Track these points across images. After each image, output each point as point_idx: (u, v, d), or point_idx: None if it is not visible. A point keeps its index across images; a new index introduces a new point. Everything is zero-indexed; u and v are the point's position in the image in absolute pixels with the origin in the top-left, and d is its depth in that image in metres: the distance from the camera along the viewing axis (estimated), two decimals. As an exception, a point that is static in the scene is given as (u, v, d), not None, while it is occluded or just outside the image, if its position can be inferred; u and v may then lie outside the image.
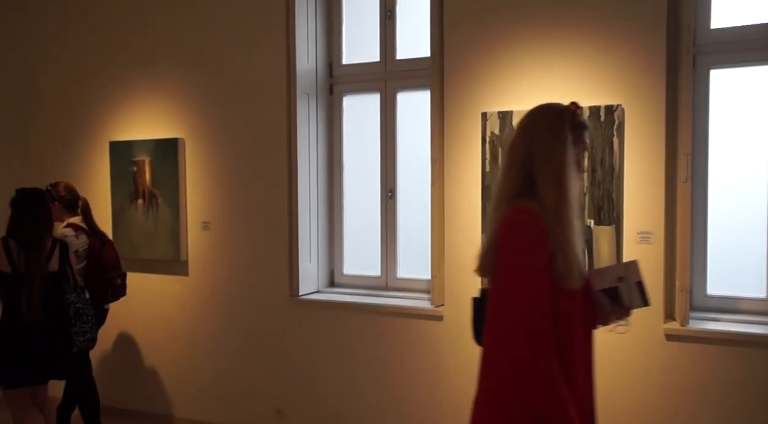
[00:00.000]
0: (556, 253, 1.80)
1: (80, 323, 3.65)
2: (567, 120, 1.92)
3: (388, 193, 4.10)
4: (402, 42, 4.03)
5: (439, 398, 3.74)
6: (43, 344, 3.50)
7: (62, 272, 3.65)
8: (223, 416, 4.41)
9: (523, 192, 1.88)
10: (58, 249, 3.65)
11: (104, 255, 4.03)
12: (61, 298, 3.59)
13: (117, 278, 4.10)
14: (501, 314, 1.85)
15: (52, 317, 3.53)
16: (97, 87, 4.77)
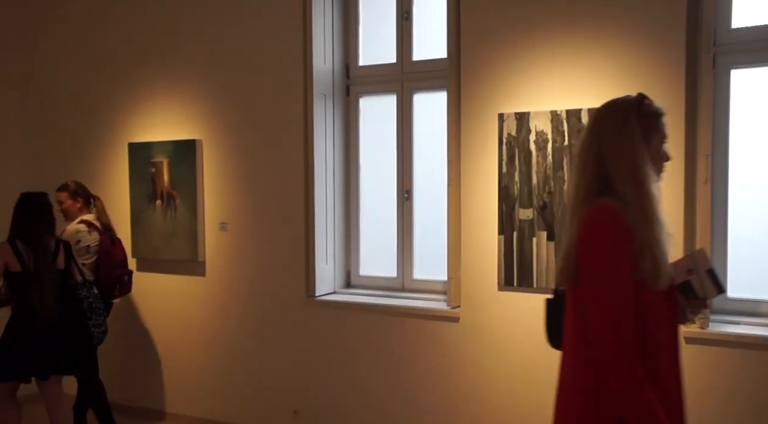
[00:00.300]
0: (642, 252, 1.73)
1: (95, 317, 3.91)
2: (633, 112, 1.84)
3: (405, 194, 4.09)
4: (419, 43, 4.03)
5: (455, 399, 3.73)
6: (58, 339, 3.66)
7: (68, 269, 3.82)
8: (240, 415, 4.43)
9: (601, 192, 1.81)
10: (62, 248, 3.82)
11: (114, 253, 4.24)
12: (73, 294, 3.78)
13: (124, 275, 4.29)
14: (584, 318, 1.78)
15: (65, 313, 3.70)
16: (115, 89, 4.81)
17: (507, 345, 3.57)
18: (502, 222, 3.53)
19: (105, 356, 4.94)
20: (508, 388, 3.59)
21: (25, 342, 3.61)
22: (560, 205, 3.38)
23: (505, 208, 3.52)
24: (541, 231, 3.44)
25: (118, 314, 4.88)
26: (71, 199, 4.31)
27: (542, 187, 3.43)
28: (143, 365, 4.82)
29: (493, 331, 3.61)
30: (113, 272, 4.21)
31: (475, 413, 3.68)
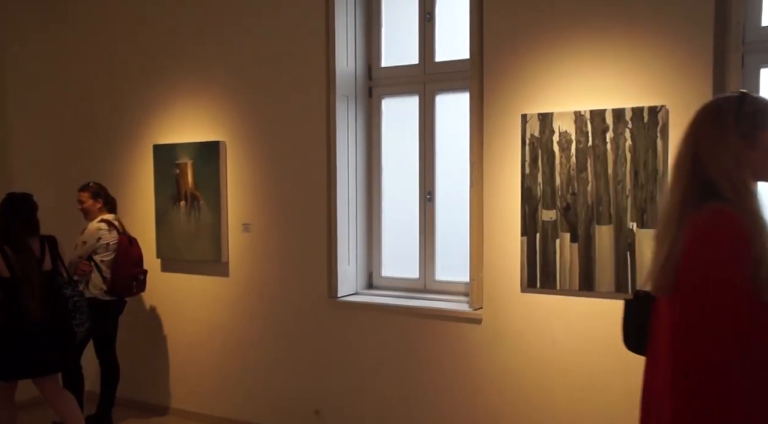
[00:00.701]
0: (760, 261, 1.59)
1: (78, 315, 3.95)
2: (731, 111, 1.74)
3: (427, 195, 4.09)
4: (441, 44, 4.03)
5: (476, 401, 3.71)
6: (47, 338, 3.76)
7: (55, 269, 3.91)
8: (262, 415, 4.45)
9: (703, 197, 1.70)
10: (47, 248, 3.90)
11: (131, 252, 4.45)
12: (59, 293, 3.86)
13: (140, 273, 4.48)
14: (686, 329, 1.65)
15: (53, 312, 3.80)
16: (141, 92, 4.88)
17: (530, 348, 3.55)
18: (524, 223, 3.51)
19: (130, 355, 5.01)
20: (531, 392, 3.56)
21: (26, 340, 3.71)
22: (584, 207, 3.35)
23: (528, 210, 3.50)
24: (565, 232, 3.41)
25: (142, 313, 4.94)
26: (92, 199, 4.49)
27: (566, 188, 3.40)
28: (167, 364, 4.87)
29: (516, 333, 3.58)
30: (130, 270, 4.40)
31: (496, 414, 3.66)
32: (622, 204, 3.27)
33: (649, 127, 3.19)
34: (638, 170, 3.22)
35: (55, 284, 3.87)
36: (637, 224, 3.23)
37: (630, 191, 3.24)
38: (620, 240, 3.28)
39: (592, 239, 3.34)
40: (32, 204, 3.94)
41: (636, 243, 3.24)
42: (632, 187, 3.24)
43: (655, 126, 3.18)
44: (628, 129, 3.24)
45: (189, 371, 4.78)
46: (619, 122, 3.25)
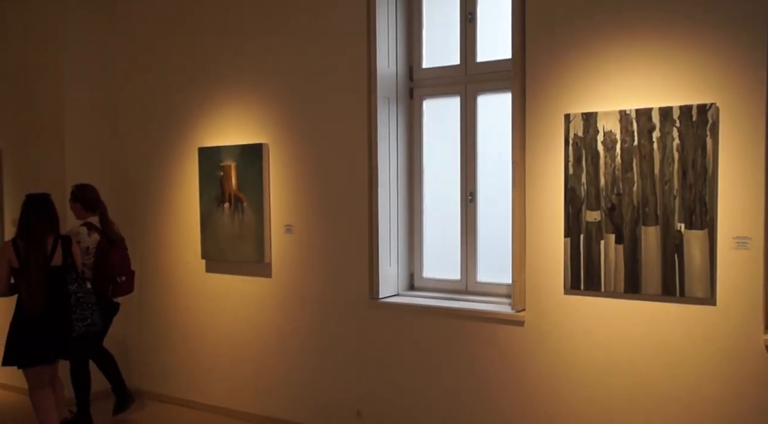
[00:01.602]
0: None
1: (80, 310, 4.06)
2: None
3: (469, 196, 4.07)
4: (482, 44, 4.00)
5: (519, 404, 3.67)
6: (45, 329, 3.94)
7: (66, 265, 4.07)
8: (304, 416, 4.49)
9: None
10: (60, 245, 4.07)
11: (109, 255, 4.47)
12: (64, 288, 4.01)
13: (121, 275, 4.52)
14: None
15: (53, 305, 3.95)
16: (187, 96, 4.98)
17: (574, 351, 3.49)
18: (568, 224, 3.46)
19: (174, 354, 5.12)
20: (574, 395, 3.51)
21: (26, 330, 3.95)
22: (629, 207, 3.29)
23: (572, 210, 3.45)
24: (610, 234, 3.35)
25: (186, 313, 5.04)
26: (72, 202, 4.62)
27: (610, 188, 3.34)
28: (211, 363, 4.96)
29: (560, 336, 3.53)
30: (106, 273, 4.44)
31: (539, 417, 3.61)
32: (670, 205, 3.19)
33: (698, 126, 3.11)
34: (686, 170, 3.14)
35: (63, 279, 4.03)
36: (686, 225, 3.16)
37: (678, 192, 3.17)
38: (668, 242, 3.20)
39: (638, 241, 3.27)
40: (50, 203, 4.15)
41: (684, 245, 3.16)
42: (680, 188, 3.16)
43: (704, 124, 3.10)
44: (675, 128, 3.16)
45: (232, 370, 4.85)
46: (666, 121, 3.18)
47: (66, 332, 4.01)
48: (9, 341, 4.00)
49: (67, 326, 4.00)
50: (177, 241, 5.09)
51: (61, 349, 4.06)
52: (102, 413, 4.81)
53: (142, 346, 5.35)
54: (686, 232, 3.15)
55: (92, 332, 4.20)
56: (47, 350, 4.01)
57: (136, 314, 5.37)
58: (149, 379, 5.31)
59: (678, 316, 3.21)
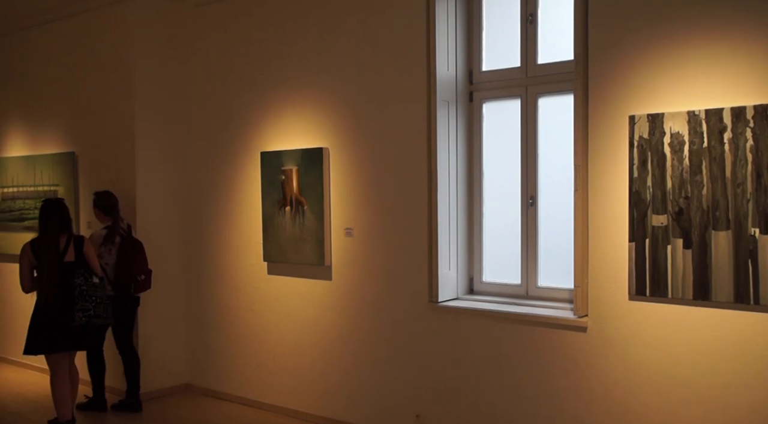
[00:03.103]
0: None
1: (82, 302, 4.40)
2: None
3: (529, 200, 4.02)
4: (543, 45, 3.95)
5: (580, 411, 3.60)
6: (53, 319, 4.36)
7: (78, 261, 4.48)
8: (363, 417, 4.52)
9: None
10: (73, 243, 4.50)
11: (128, 255, 4.88)
12: (71, 282, 4.40)
13: (141, 274, 4.93)
14: None
15: (62, 298, 4.36)
16: (249, 101, 5.11)
17: (639, 358, 3.40)
18: (633, 229, 3.38)
19: (236, 353, 5.24)
20: (639, 405, 3.41)
21: (42, 320, 4.39)
22: (698, 211, 3.18)
23: (637, 214, 3.36)
24: (677, 238, 3.25)
25: (248, 314, 5.15)
26: (93, 207, 5.04)
27: (678, 192, 3.24)
28: (273, 363, 5.05)
29: (624, 343, 3.45)
30: (128, 273, 4.86)
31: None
32: (743, 209, 3.07)
33: (773, 127, 2.98)
34: (761, 172, 3.02)
35: (72, 274, 4.41)
36: (760, 230, 3.03)
37: (752, 195, 3.04)
38: (740, 247, 3.08)
39: (708, 246, 3.16)
40: (63, 207, 4.58)
41: (759, 250, 3.03)
42: (754, 191, 3.04)
43: (779, 125, 2.97)
44: (749, 128, 3.04)
45: (293, 371, 4.93)
46: (738, 121, 3.06)
47: (68, 322, 4.37)
48: (29, 333, 4.43)
49: (68, 316, 4.36)
50: (240, 243, 5.21)
51: (66, 338, 4.41)
52: (161, 410, 4.97)
53: (205, 345, 5.50)
54: (761, 237, 3.03)
55: (95, 323, 4.49)
56: (54, 338, 4.39)
57: (201, 315, 5.53)
58: (212, 378, 5.45)
59: (752, 324, 3.08)
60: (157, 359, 5.42)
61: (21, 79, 6.34)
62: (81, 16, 5.67)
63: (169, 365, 5.51)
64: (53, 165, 5.93)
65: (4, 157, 6.48)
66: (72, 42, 5.80)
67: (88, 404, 5.09)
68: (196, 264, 5.54)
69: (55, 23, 5.90)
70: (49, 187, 5.92)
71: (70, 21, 5.78)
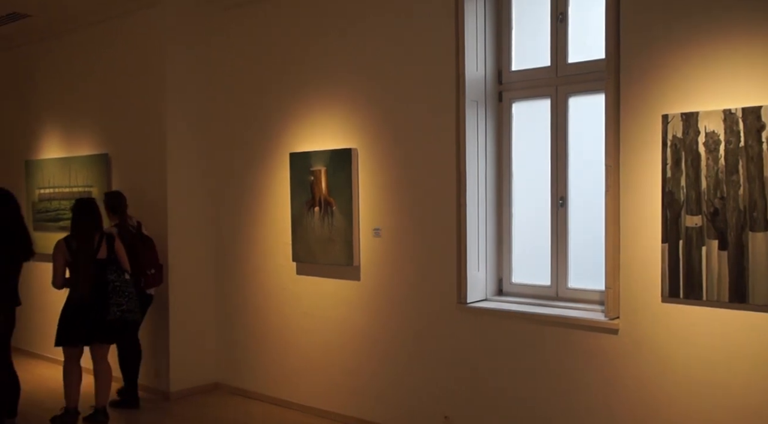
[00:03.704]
0: None
1: (116, 297, 4.59)
2: None
3: (559, 200, 3.98)
4: (574, 44, 3.91)
5: (611, 415, 3.55)
6: (90, 314, 4.54)
7: (110, 258, 4.67)
8: (392, 418, 4.52)
9: None
10: (105, 241, 4.69)
11: (138, 250, 5.03)
12: (105, 278, 4.59)
13: (150, 268, 5.08)
14: None
15: (97, 293, 4.55)
16: (278, 102, 5.14)
17: (672, 362, 3.34)
18: (666, 229, 3.32)
19: (266, 353, 5.28)
20: (671, 409, 3.35)
21: (74, 314, 4.57)
22: (734, 212, 3.11)
23: (670, 215, 3.31)
24: (712, 240, 3.18)
25: (277, 314, 5.19)
26: (105, 206, 5.14)
27: (713, 192, 3.18)
28: (301, 363, 5.08)
29: (657, 346, 3.39)
30: (138, 267, 5.00)
31: (637, 431, 3.48)
32: (779, 209, 3.00)
33: (812, 125, 2.91)
34: (799, 172, 2.95)
35: (105, 271, 4.60)
36: (798, 231, 2.96)
37: (789, 195, 2.97)
38: (777, 248, 3.01)
39: (745, 247, 3.09)
40: (94, 206, 4.76)
41: (796, 252, 2.96)
42: (791, 191, 2.97)
43: (818, 123, 2.89)
44: (786, 127, 2.97)
45: (322, 371, 4.95)
46: (775, 120, 3.00)
47: (103, 316, 4.55)
48: (60, 325, 4.61)
49: (103, 311, 4.55)
50: (269, 244, 5.25)
51: (100, 331, 4.60)
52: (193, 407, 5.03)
53: (235, 345, 5.56)
54: (799, 238, 2.95)
55: (128, 318, 4.67)
56: (88, 332, 4.57)
57: (230, 314, 5.58)
58: (241, 377, 5.50)
59: (789, 328, 3.01)
60: (187, 358, 5.49)
61: (57, 82, 6.48)
62: (114, 21, 5.78)
63: (198, 364, 5.58)
64: (88, 166, 6.05)
65: (41, 159, 6.62)
66: (105, 46, 5.91)
67: (122, 402, 5.19)
68: (225, 264, 5.60)
69: (90, 28, 6.02)
70: (84, 188, 6.04)
71: (103, 26, 5.89)
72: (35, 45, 6.66)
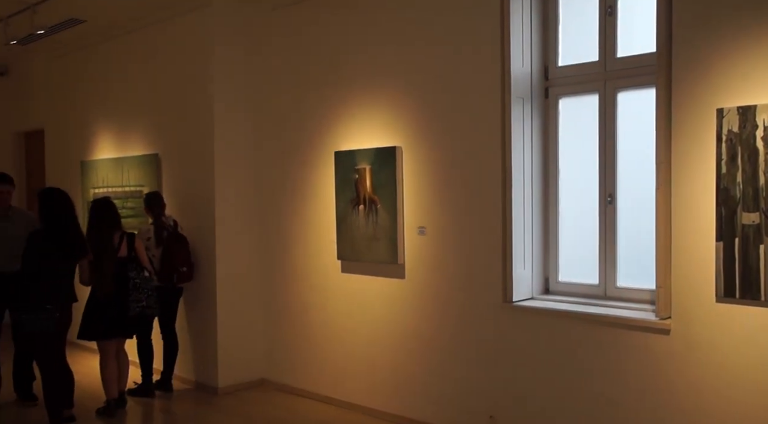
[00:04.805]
0: None
1: (135, 293, 4.86)
2: None
3: (608, 197, 3.90)
4: (623, 38, 3.83)
5: (661, 418, 3.45)
6: (110, 309, 4.80)
7: (130, 256, 4.91)
8: (436, 416, 4.50)
9: None
10: (125, 240, 4.92)
11: (174, 248, 5.28)
12: (125, 275, 4.83)
13: (183, 266, 5.31)
14: None
15: (119, 290, 4.78)
16: (323, 101, 5.18)
17: (727, 364, 3.23)
18: (720, 227, 3.22)
19: (311, 350, 5.32)
20: (725, 414, 3.24)
21: (97, 309, 4.80)
22: (794, 209, 3.00)
23: (725, 212, 3.20)
24: (770, 237, 3.07)
25: (322, 312, 5.23)
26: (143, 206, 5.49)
27: (771, 188, 3.06)
28: (346, 360, 5.10)
29: (711, 347, 3.29)
30: (172, 264, 5.26)
31: (689, 435, 3.38)
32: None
33: None
34: None
35: (125, 268, 4.84)
36: None
37: None
38: (840, 246, 2.89)
39: (805, 245, 2.98)
40: (112, 206, 4.99)
41: None
42: None
43: None
44: None
45: (366, 369, 4.96)
46: (838, 113, 2.87)
47: (123, 311, 4.82)
48: (83, 319, 4.85)
49: (124, 307, 4.81)
50: (314, 241, 5.30)
51: (120, 326, 4.87)
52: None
53: (281, 342, 5.62)
54: None
55: (147, 314, 4.97)
56: (109, 326, 4.83)
57: (276, 312, 5.65)
58: (287, 373, 5.56)
59: None
60: (234, 354, 5.58)
61: (109, 85, 6.68)
62: (164, 23, 5.92)
63: (245, 360, 5.66)
64: (139, 166, 6.21)
65: (96, 159, 6.83)
66: (155, 48, 6.05)
67: (138, 390, 5.41)
68: (272, 262, 5.68)
69: (140, 31, 6.18)
70: (135, 187, 6.20)
71: (153, 28, 6.04)
72: (88, 49, 6.87)
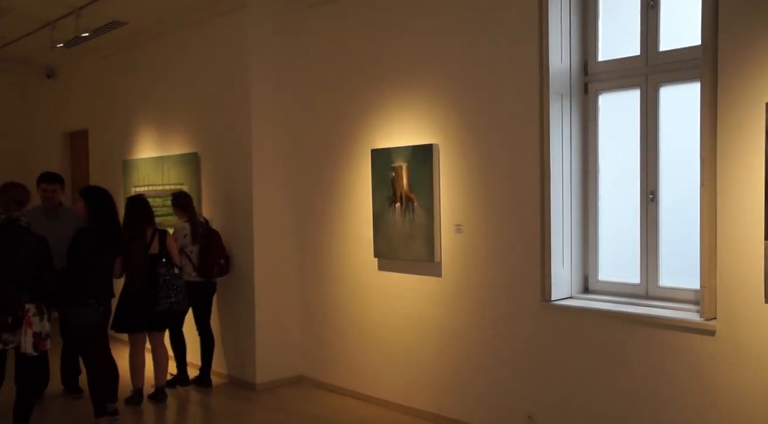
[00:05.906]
0: None
1: (165, 290, 5.03)
2: None
3: (649, 195, 3.82)
4: (666, 31, 3.74)
5: (708, 422, 3.37)
6: (141, 304, 4.97)
7: (161, 253, 5.06)
8: (474, 415, 4.48)
9: None
10: (157, 237, 5.06)
11: (210, 243, 5.45)
12: (156, 272, 4.99)
13: (220, 258, 5.49)
14: None
15: (150, 286, 4.96)
16: (359, 99, 5.19)
17: (775, 366, 3.14)
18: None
19: (348, 347, 5.34)
20: (776, 414, 3.15)
21: (130, 304, 4.99)
22: None
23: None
24: (821, 236, 2.97)
25: (359, 310, 5.24)
26: (172, 206, 5.60)
27: (822, 185, 2.96)
28: (382, 358, 5.11)
29: (759, 349, 3.19)
30: (211, 258, 5.42)
31: (735, 439, 3.29)
32: None
33: None
34: None
35: (156, 264, 4.99)
36: None
37: None
38: None
39: None
40: (146, 203, 5.15)
41: None
42: None
43: None
44: None
45: (402, 366, 4.96)
46: None
47: (153, 307, 5.00)
48: (116, 313, 5.02)
49: (153, 302, 4.99)
50: (351, 239, 5.31)
51: (151, 320, 5.04)
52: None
53: (318, 339, 5.66)
54: None
55: (176, 309, 5.14)
56: (140, 319, 5.02)
57: (314, 309, 5.69)
58: (324, 370, 5.60)
59: None
60: (272, 351, 5.63)
61: (149, 85, 6.80)
62: (202, 23, 5.99)
63: (283, 357, 5.71)
64: (179, 165, 6.32)
65: (138, 158, 6.97)
66: (194, 48, 6.14)
67: (174, 380, 5.58)
68: (309, 260, 5.71)
69: (179, 31, 6.27)
70: (175, 185, 6.31)
71: (192, 28, 6.12)
72: (130, 52, 7.01)
